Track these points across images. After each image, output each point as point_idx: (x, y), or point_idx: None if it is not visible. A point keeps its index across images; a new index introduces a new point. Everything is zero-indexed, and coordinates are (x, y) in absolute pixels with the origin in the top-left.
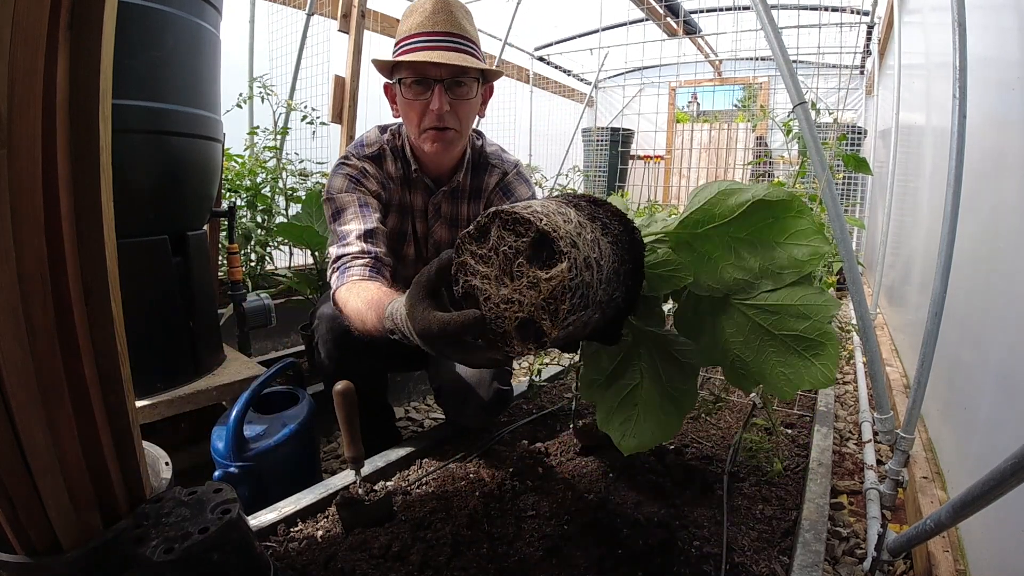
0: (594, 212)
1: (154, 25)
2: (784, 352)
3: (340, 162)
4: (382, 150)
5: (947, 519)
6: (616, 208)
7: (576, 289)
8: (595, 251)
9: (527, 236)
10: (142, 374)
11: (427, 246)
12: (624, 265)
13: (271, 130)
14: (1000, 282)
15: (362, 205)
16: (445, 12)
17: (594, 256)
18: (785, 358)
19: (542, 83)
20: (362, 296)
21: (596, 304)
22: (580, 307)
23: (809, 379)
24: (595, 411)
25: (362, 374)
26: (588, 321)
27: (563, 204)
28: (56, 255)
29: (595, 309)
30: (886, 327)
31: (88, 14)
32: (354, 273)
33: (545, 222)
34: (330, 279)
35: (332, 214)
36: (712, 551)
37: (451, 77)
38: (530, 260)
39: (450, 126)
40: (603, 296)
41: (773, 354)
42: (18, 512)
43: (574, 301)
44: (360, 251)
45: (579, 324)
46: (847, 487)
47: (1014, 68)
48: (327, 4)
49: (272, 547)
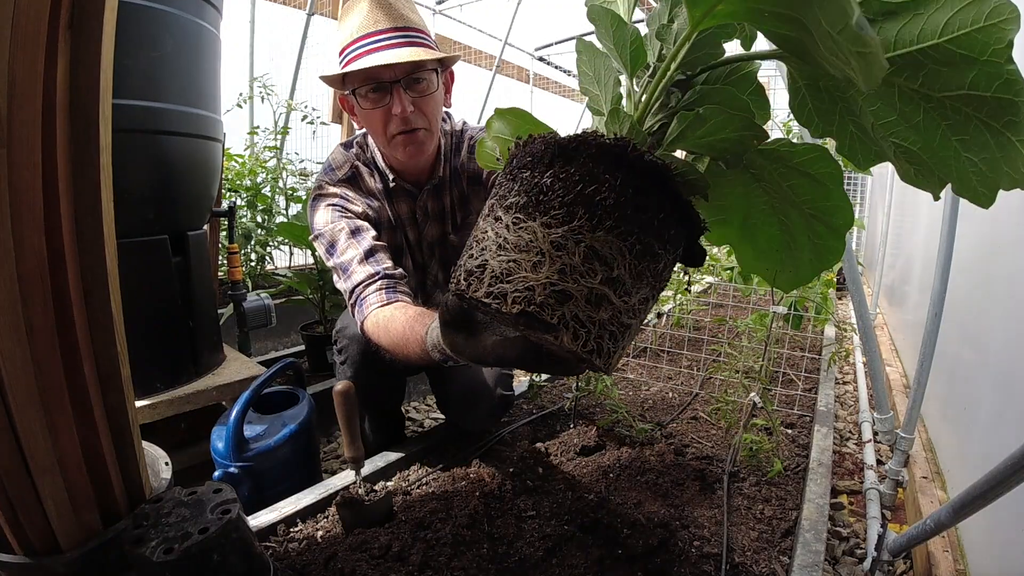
0: (569, 188)
1: (154, 25)
2: (961, 124)
3: (316, 195)
4: (354, 168)
5: (947, 519)
6: (601, 145)
7: (600, 339)
8: (595, 274)
9: (506, 315)
10: (142, 374)
11: (422, 250)
12: (648, 230)
13: (271, 130)
14: (1000, 282)
15: (353, 231)
16: (384, 7)
17: (598, 282)
18: (965, 134)
19: (542, 83)
20: (393, 328)
21: (638, 307)
22: (622, 336)
23: (1009, 170)
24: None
25: (387, 387)
26: (644, 316)
27: (523, 215)
28: (56, 255)
29: (641, 310)
30: (886, 327)
31: (88, 14)
32: (372, 302)
33: (513, 296)
34: (353, 314)
35: (326, 250)
36: (712, 551)
37: (407, 75)
38: (531, 327)
39: (419, 126)
40: (641, 296)
41: (948, 130)
42: (18, 512)
43: (608, 346)
44: (367, 276)
45: (635, 331)
46: (847, 487)
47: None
48: (327, 4)
49: (272, 547)
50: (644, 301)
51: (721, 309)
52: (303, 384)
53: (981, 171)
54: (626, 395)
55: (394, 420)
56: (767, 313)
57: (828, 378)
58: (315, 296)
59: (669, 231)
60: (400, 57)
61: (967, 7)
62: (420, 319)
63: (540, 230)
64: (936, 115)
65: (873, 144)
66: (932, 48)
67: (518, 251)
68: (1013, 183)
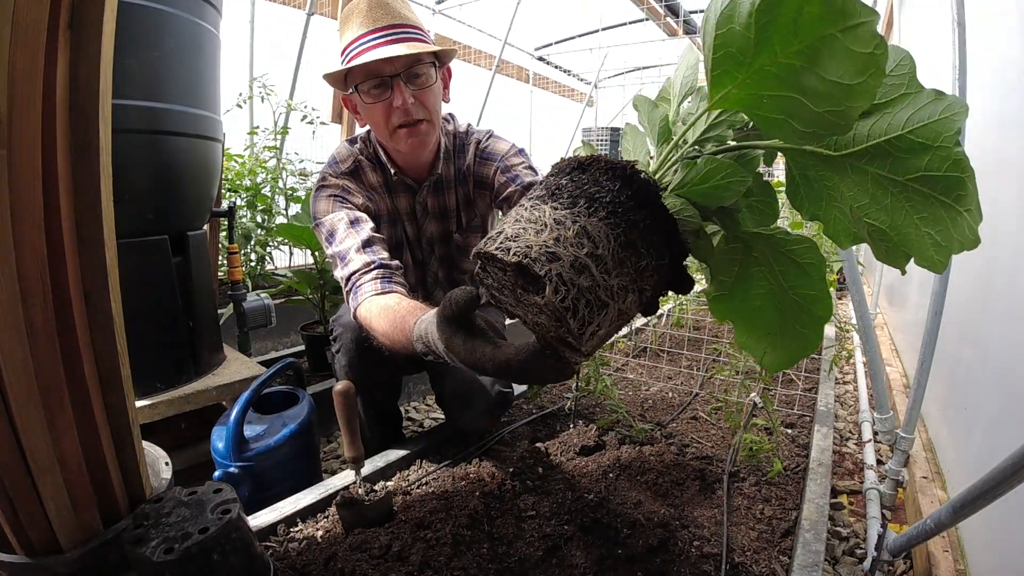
0: (578, 187)
1: (154, 25)
2: (920, 203)
3: (319, 185)
4: (357, 162)
5: (947, 519)
6: (609, 162)
7: (577, 301)
8: (582, 246)
9: (508, 269)
10: (142, 374)
11: (421, 246)
12: (634, 229)
13: (271, 130)
14: (1000, 282)
15: (352, 221)
16: (381, 6)
17: (584, 253)
18: (923, 211)
19: (542, 83)
20: (385, 316)
21: (617, 291)
22: (598, 310)
23: (959, 237)
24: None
25: (381, 381)
26: (624, 308)
27: (539, 201)
28: (56, 255)
29: (620, 296)
30: (886, 327)
31: (88, 14)
32: (367, 290)
33: (515, 250)
34: (348, 302)
35: (326, 238)
36: (712, 551)
37: (406, 69)
38: (524, 287)
39: (420, 117)
40: (620, 282)
41: (911, 209)
42: (18, 512)
43: (584, 312)
44: (364, 265)
45: (612, 319)
46: (847, 487)
47: (1014, 68)
48: (327, 4)
49: (272, 547)
50: (623, 289)
51: None
52: (303, 384)
53: (937, 242)
54: (626, 395)
55: (391, 417)
56: None
57: (828, 378)
58: (315, 296)
59: (652, 237)
60: (399, 51)
61: (927, 105)
62: (413, 312)
63: (549, 210)
64: (901, 197)
65: (853, 226)
66: (897, 139)
67: (528, 223)
68: (961, 247)
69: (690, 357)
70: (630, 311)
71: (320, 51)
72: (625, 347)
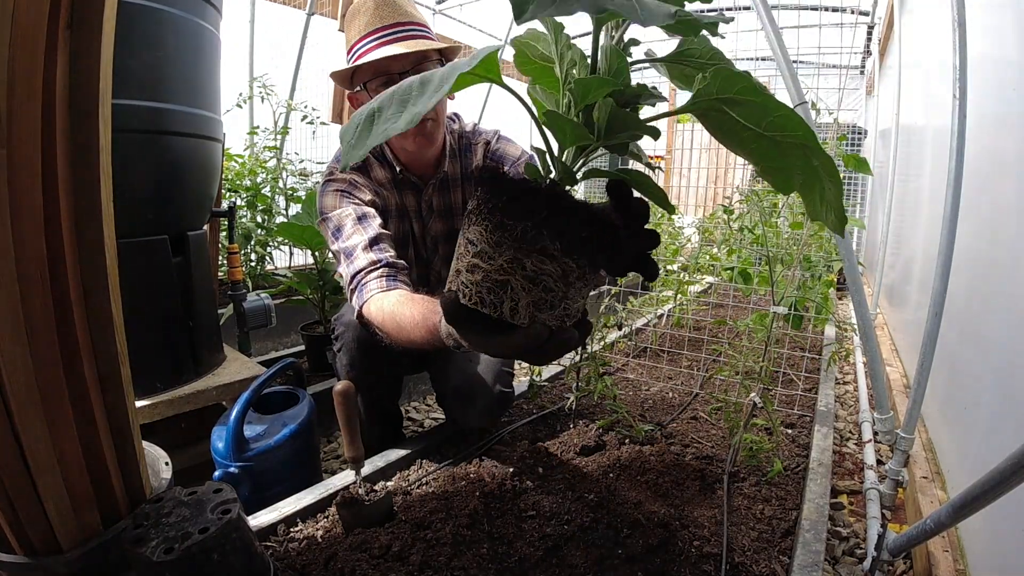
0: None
1: (154, 25)
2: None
3: (326, 179)
4: (365, 158)
5: (947, 519)
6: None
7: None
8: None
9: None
10: (142, 374)
11: (426, 244)
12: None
13: (271, 130)
14: (1000, 282)
15: (360, 217)
16: (388, 4)
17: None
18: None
19: None
20: (401, 313)
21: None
22: (548, 307)
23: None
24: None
25: (383, 380)
26: (577, 295)
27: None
28: (56, 255)
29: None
30: (886, 327)
31: (88, 14)
32: (372, 287)
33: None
34: (351, 300)
35: (332, 233)
36: (712, 551)
37: (413, 66)
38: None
39: (427, 116)
40: (479, 239)
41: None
42: (18, 512)
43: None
44: (370, 263)
45: (570, 308)
46: (847, 487)
47: (1014, 68)
48: (327, 4)
49: (272, 547)
50: (493, 244)
51: (721, 309)
52: (303, 384)
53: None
54: (626, 395)
55: (392, 417)
56: (767, 313)
57: (828, 378)
58: (315, 296)
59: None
60: (407, 47)
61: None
62: (434, 307)
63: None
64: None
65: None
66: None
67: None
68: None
69: (690, 357)
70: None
71: (320, 51)
72: (625, 347)
